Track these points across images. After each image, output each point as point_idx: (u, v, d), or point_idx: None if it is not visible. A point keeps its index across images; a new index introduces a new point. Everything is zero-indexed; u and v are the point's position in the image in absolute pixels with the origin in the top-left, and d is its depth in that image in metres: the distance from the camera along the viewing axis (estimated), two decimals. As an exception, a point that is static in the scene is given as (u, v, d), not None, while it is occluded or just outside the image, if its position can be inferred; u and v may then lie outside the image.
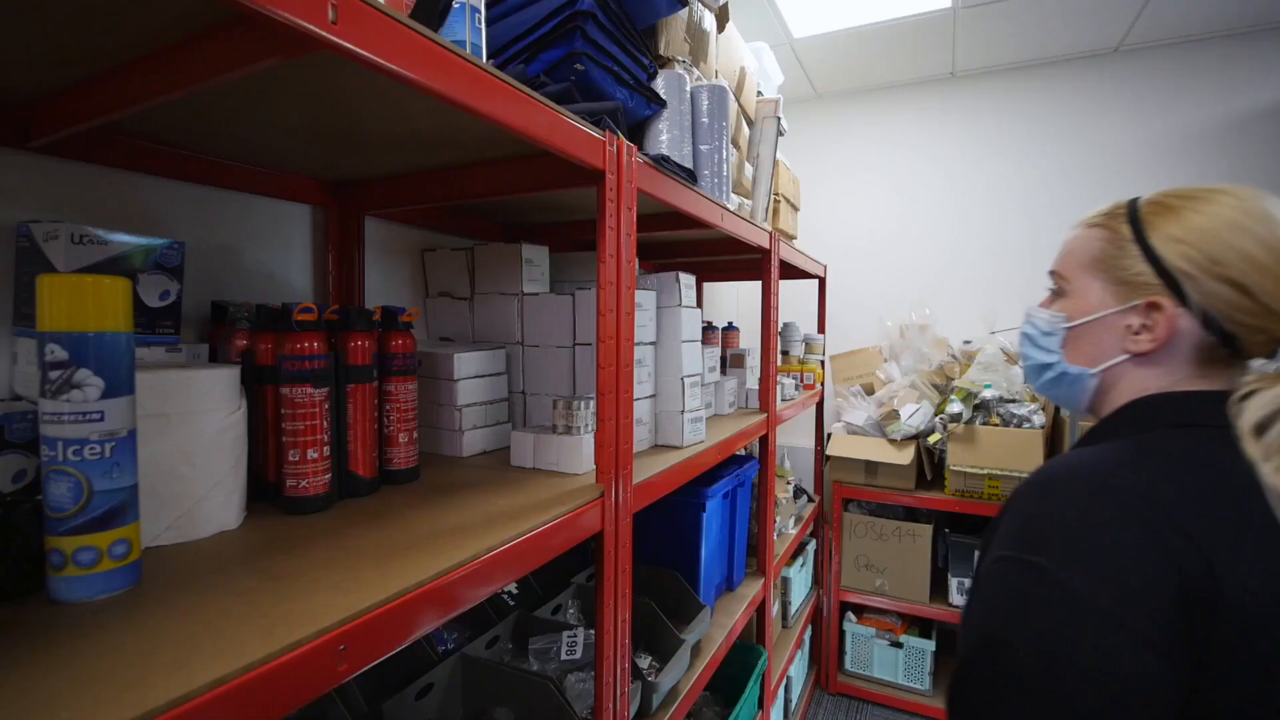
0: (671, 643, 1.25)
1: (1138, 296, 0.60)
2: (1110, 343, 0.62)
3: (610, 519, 0.91)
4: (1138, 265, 0.60)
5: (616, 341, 0.91)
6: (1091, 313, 0.63)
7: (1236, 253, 0.56)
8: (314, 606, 0.53)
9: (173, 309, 0.85)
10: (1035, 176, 2.76)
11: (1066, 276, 0.66)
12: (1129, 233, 0.61)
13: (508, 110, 0.68)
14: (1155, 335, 0.60)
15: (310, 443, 0.80)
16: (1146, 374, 0.62)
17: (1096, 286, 0.63)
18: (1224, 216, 0.57)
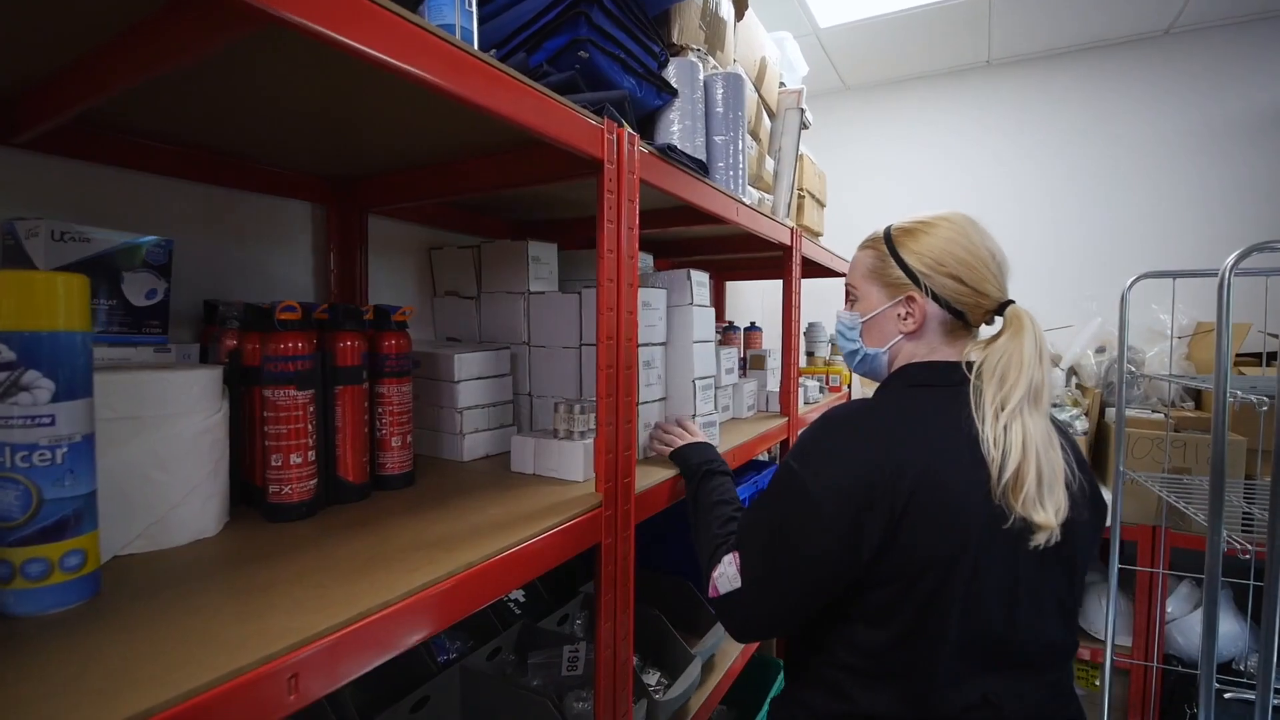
0: (682, 658, 1.19)
1: (900, 294, 0.86)
2: (889, 328, 0.88)
3: (609, 530, 0.86)
4: (896, 272, 0.86)
5: (617, 341, 0.85)
6: (874, 309, 0.89)
7: (951, 257, 0.83)
8: (268, 627, 0.49)
9: (160, 308, 0.83)
10: (1080, 167, 2.62)
11: (855, 286, 0.92)
12: (887, 251, 0.87)
13: (491, 94, 0.64)
14: (915, 318, 0.85)
15: (294, 447, 0.76)
16: (915, 345, 0.87)
17: (874, 290, 0.89)
18: (943, 235, 0.84)
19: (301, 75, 0.66)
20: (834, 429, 0.78)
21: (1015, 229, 2.71)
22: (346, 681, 0.50)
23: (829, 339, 2.52)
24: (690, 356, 1.19)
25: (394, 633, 0.54)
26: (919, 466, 0.71)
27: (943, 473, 0.71)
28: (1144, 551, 2.00)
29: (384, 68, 0.53)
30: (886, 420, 0.78)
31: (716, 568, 0.82)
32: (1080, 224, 2.62)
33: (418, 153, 0.97)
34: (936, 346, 0.85)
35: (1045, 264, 2.64)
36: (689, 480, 1.01)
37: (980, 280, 0.83)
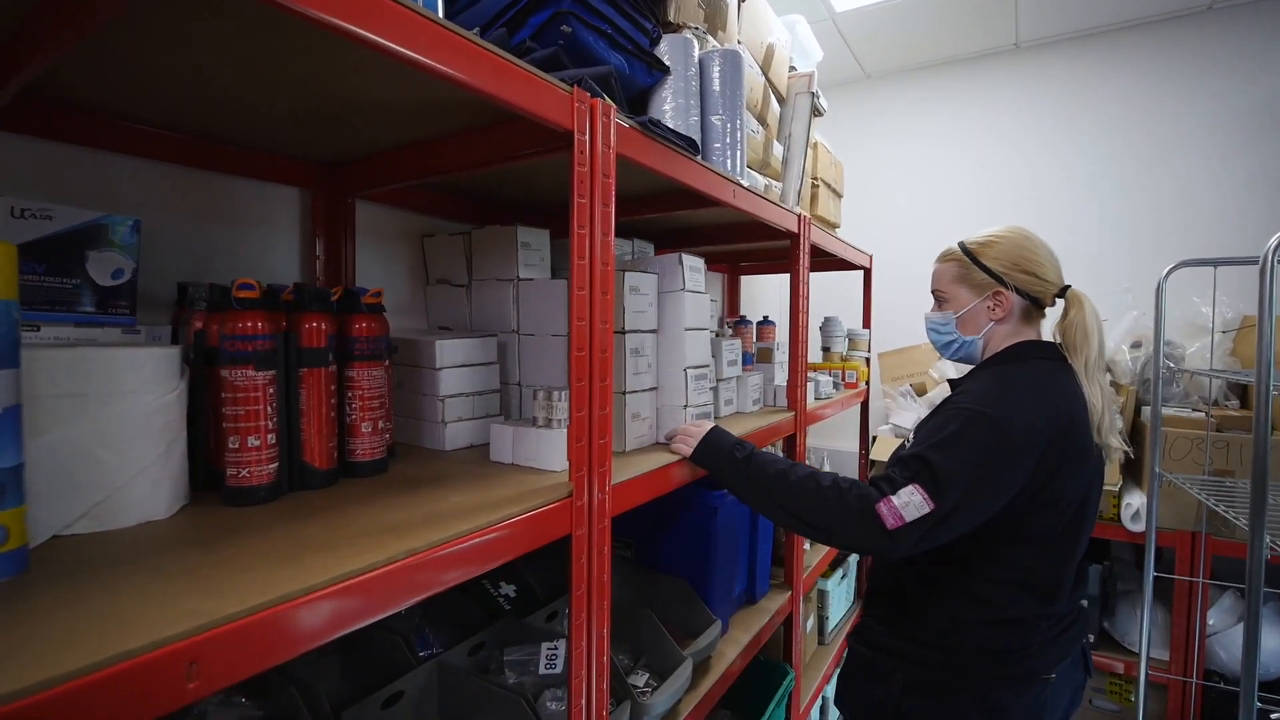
0: (672, 658, 1.14)
1: (987, 290, 1.08)
2: (981, 319, 1.09)
3: (581, 521, 0.81)
4: (980, 275, 1.08)
5: (590, 324, 0.81)
6: (966, 306, 1.10)
7: (1020, 257, 1.06)
8: (174, 612, 0.46)
9: (127, 288, 0.82)
10: (1112, 155, 2.48)
11: (945, 291, 1.14)
12: (970, 261, 1.09)
13: (439, 54, 0.60)
14: (1003, 307, 1.07)
15: (251, 429, 0.74)
16: (1002, 329, 1.09)
17: (963, 292, 1.11)
18: (1011, 242, 1.08)
19: (258, 46, 0.64)
20: (1014, 386, 0.97)
21: (1044, 218, 2.58)
22: (258, 671, 0.47)
23: (845, 334, 2.43)
24: (682, 344, 1.14)
25: (311, 621, 0.51)
26: (1069, 416, 0.94)
27: (1078, 420, 0.95)
28: (1183, 559, 1.87)
29: (319, 25, 0.50)
30: (1041, 382, 0.98)
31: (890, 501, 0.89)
32: (1115, 211, 2.48)
33: (393, 132, 0.94)
34: (1020, 328, 1.08)
35: (1077, 254, 2.50)
36: (728, 465, 1.04)
37: (1044, 271, 1.06)
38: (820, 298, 3.07)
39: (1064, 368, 1.02)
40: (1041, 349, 1.05)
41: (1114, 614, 2.08)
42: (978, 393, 0.97)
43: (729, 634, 1.40)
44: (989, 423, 0.91)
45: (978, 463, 0.89)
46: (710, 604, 1.33)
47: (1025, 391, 0.96)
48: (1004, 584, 0.97)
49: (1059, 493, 0.93)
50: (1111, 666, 2.02)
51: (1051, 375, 1.00)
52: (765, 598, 1.59)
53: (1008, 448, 0.89)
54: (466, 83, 0.64)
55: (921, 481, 0.89)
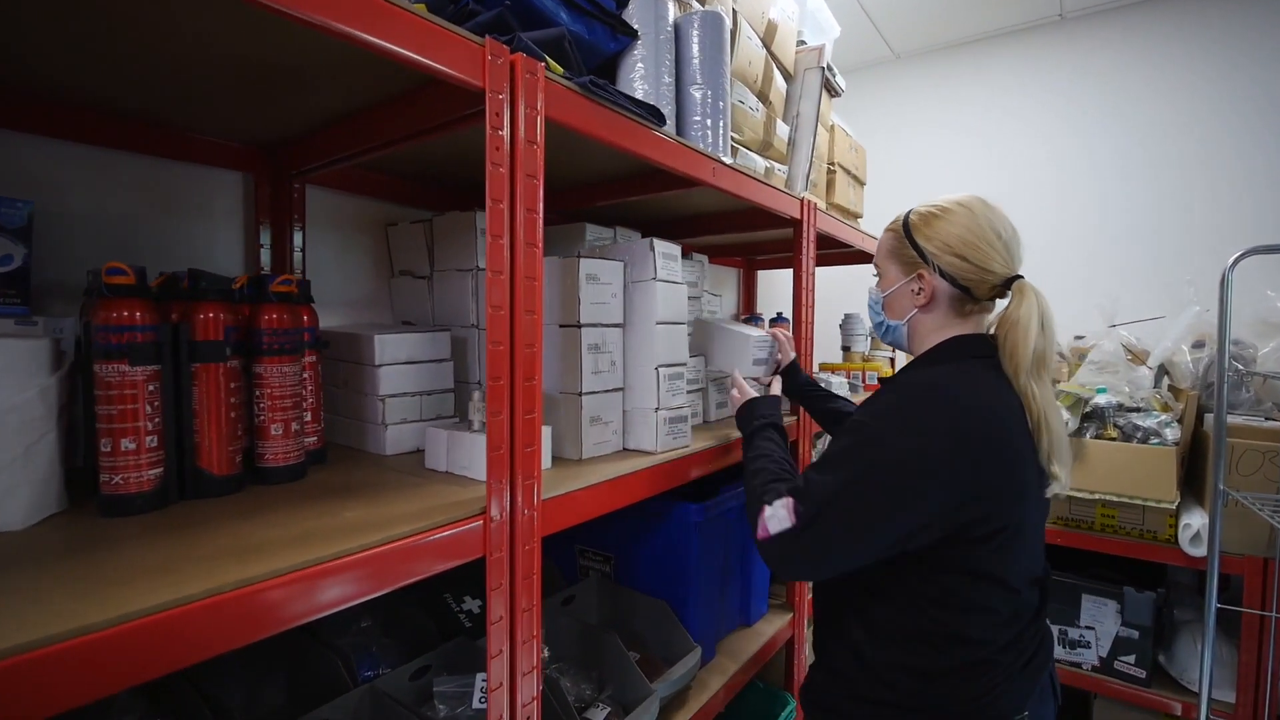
0: (639, 692, 1.03)
1: (913, 271, 0.92)
2: (905, 303, 0.94)
3: (500, 543, 0.71)
4: (910, 252, 0.93)
5: (511, 313, 0.71)
6: (892, 285, 0.95)
7: (958, 239, 0.89)
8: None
9: (17, 276, 0.75)
10: (1171, 132, 2.23)
11: (879, 264, 0.99)
12: (904, 234, 0.94)
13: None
14: (925, 293, 0.92)
15: (124, 431, 0.66)
16: (929, 318, 0.93)
17: (893, 268, 0.95)
18: (954, 219, 0.90)
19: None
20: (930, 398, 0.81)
21: (1092, 204, 2.35)
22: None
23: (868, 333, 2.26)
24: (652, 340, 1.02)
25: (91, 671, 0.41)
26: (1001, 438, 0.79)
27: (1016, 442, 0.81)
28: (1251, 589, 1.64)
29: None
30: (967, 391, 0.82)
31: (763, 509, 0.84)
32: (1176, 196, 2.22)
33: (314, 103, 0.85)
34: (949, 320, 0.92)
35: (1131, 244, 2.26)
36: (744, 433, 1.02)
37: (985, 259, 0.88)
38: (841, 293, 2.90)
39: (986, 366, 0.86)
40: (976, 347, 0.89)
41: (1171, 648, 1.85)
42: (884, 406, 0.83)
43: (715, 661, 1.28)
44: (881, 445, 0.78)
45: (858, 486, 0.77)
46: (692, 627, 1.20)
47: (943, 405, 0.79)
48: (957, 620, 0.80)
49: (994, 524, 0.78)
50: (1168, 707, 1.79)
51: (985, 383, 0.83)
52: (763, 619, 1.45)
53: (901, 472, 0.75)
54: (339, 30, 0.54)
55: (796, 495, 0.81)
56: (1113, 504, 1.80)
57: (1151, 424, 1.79)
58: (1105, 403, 1.86)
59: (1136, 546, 1.77)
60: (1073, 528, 1.87)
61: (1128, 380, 1.95)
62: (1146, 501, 1.73)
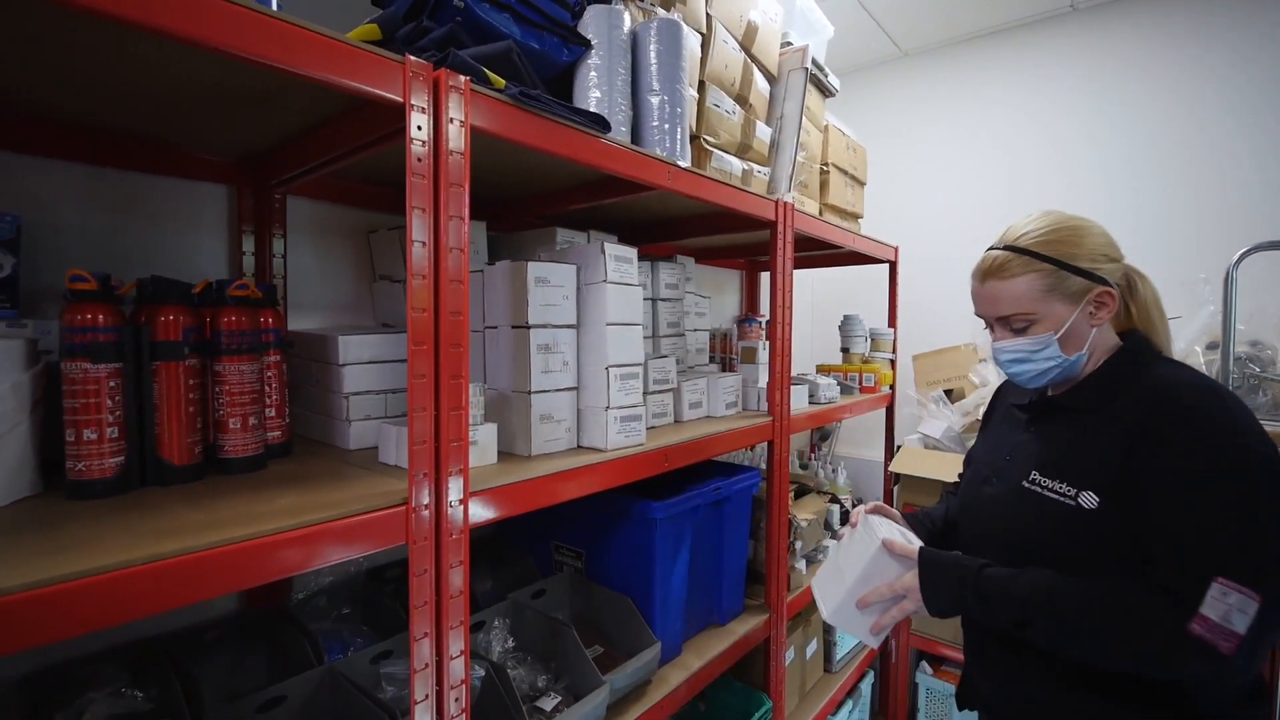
0: (590, 682, 1.06)
1: (1084, 297, 0.87)
2: (1084, 329, 0.89)
3: (424, 532, 0.75)
4: (1075, 281, 0.87)
5: (435, 315, 0.75)
6: (1067, 321, 0.88)
7: (1101, 245, 0.89)
8: None
9: (8, 283, 0.83)
10: (1179, 128, 2.13)
11: (1033, 311, 0.89)
12: (1059, 267, 0.87)
13: (194, 23, 0.56)
14: (1111, 308, 0.89)
15: (87, 422, 0.73)
16: (1103, 331, 0.91)
17: (1057, 306, 0.88)
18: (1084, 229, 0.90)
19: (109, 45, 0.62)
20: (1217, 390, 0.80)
21: (1106, 198, 2.26)
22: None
23: (867, 334, 2.23)
24: (604, 341, 1.05)
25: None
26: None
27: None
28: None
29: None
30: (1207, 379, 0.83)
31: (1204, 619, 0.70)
32: (1190, 189, 2.12)
33: (285, 123, 0.92)
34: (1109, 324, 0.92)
35: (1145, 239, 2.17)
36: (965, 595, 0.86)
37: (1119, 253, 0.91)
38: (842, 294, 2.87)
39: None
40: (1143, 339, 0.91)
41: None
42: (1188, 424, 0.76)
43: (680, 658, 1.29)
44: (1247, 463, 0.73)
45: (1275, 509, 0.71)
46: (655, 623, 1.22)
47: (1230, 399, 0.78)
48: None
49: None
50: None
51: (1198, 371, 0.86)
52: (736, 619, 1.46)
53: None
54: (256, 60, 0.59)
55: (1226, 574, 0.69)
56: (1117, 511, 1.73)
57: (1159, 428, 1.72)
58: (1110, 406, 1.79)
59: (1142, 556, 1.70)
60: (1076, 535, 1.80)
61: (1138, 383, 1.88)
62: (1151, 509, 1.66)
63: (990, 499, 0.97)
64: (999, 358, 0.93)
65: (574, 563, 1.38)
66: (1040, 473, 0.89)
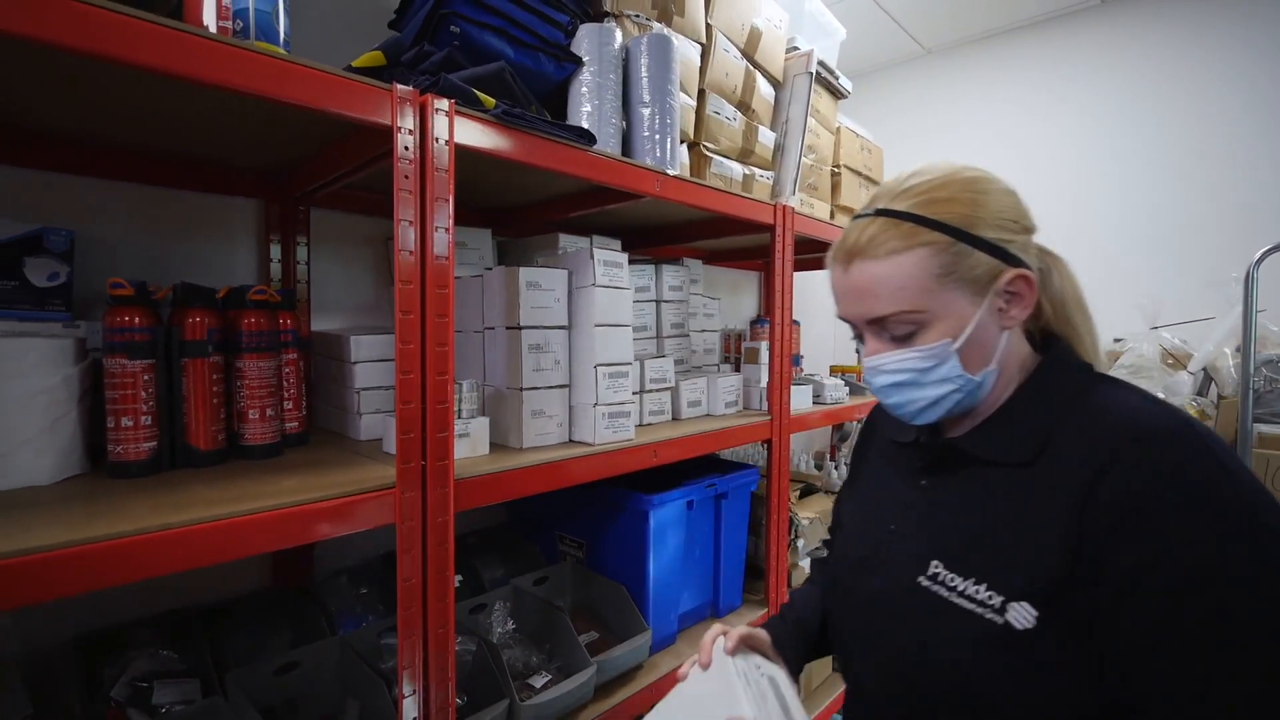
0: (579, 662, 1.12)
1: (993, 283, 0.61)
2: (992, 333, 0.63)
3: (412, 514, 0.82)
4: (979, 260, 0.60)
5: (422, 318, 0.82)
6: (970, 321, 0.61)
7: (1015, 206, 0.64)
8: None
9: (62, 290, 0.95)
10: (1225, 116, 2.05)
11: (919, 309, 0.61)
12: (948, 240, 0.60)
13: (204, 66, 0.64)
14: (1026, 301, 0.63)
15: (125, 411, 0.84)
16: (1016, 338, 0.65)
17: (958, 298, 0.61)
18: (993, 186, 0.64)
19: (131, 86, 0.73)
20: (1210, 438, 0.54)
21: (1138, 195, 2.19)
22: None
23: (883, 334, 2.22)
24: (592, 341, 1.11)
25: (58, 571, 0.57)
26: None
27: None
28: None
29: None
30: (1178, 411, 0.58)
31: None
32: (1224, 187, 2.04)
33: (302, 142, 1.01)
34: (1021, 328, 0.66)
35: (1175, 238, 2.09)
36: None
37: (1030, 219, 0.65)
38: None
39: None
40: (1069, 348, 0.66)
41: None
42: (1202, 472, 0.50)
43: (674, 646, 1.34)
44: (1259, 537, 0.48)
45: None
46: (649, 612, 1.28)
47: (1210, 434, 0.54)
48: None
49: None
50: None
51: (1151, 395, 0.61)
52: (734, 613, 1.50)
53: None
54: (236, 87, 0.68)
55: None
56: (1136, 517, 1.68)
57: (1182, 433, 1.67)
58: (1131, 409, 1.75)
59: (1161, 563, 1.65)
60: (1094, 541, 1.76)
61: (1163, 386, 1.83)
62: (1171, 515, 1.61)
63: (869, 601, 0.68)
64: (873, 381, 0.66)
65: (575, 553, 1.44)
66: (945, 564, 0.61)
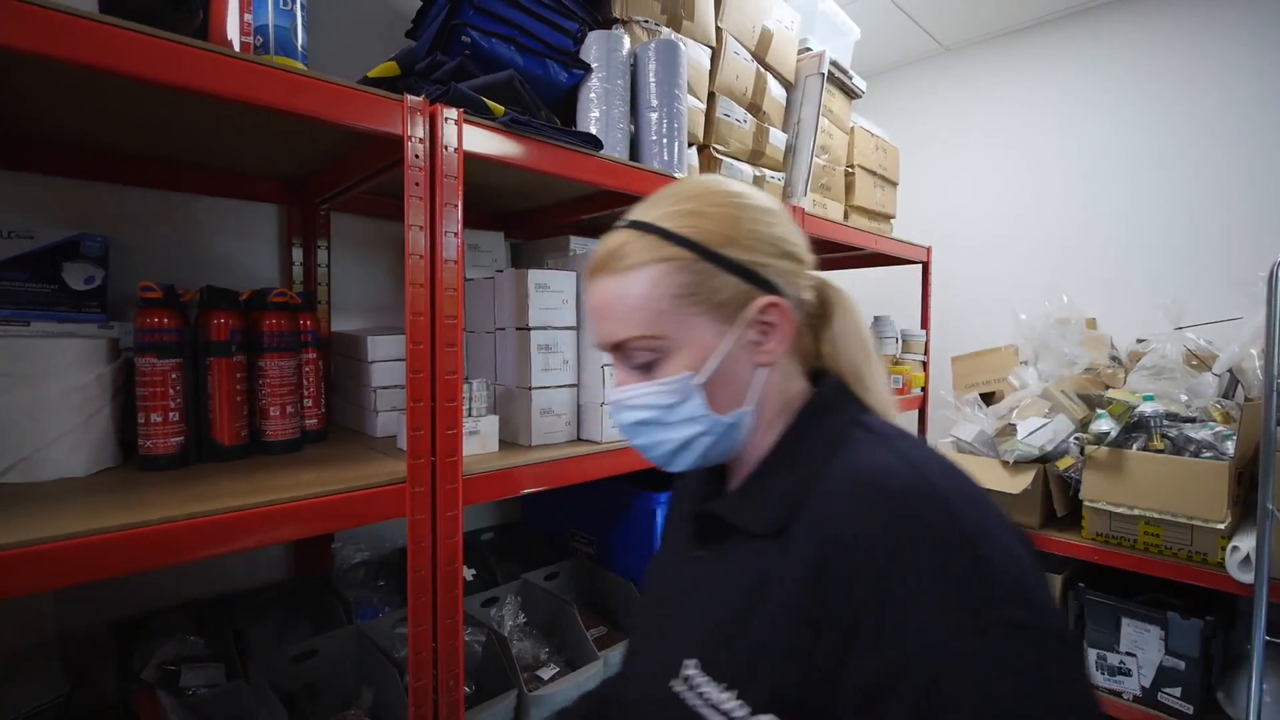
0: (587, 657, 1.14)
1: (743, 310, 0.55)
2: (744, 368, 0.56)
3: (421, 507, 0.85)
4: (725, 282, 0.54)
5: (432, 319, 0.85)
6: (717, 350, 0.55)
7: (775, 236, 0.56)
8: None
9: (98, 292, 1.01)
10: (1240, 121, 1.99)
11: (657, 333, 0.54)
12: (691, 256, 0.53)
13: (226, 82, 0.68)
14: (782, 334, 0.56)
15: (154, 408, 0.88)
16: (774, 376, 0.58)
17: (702, 323, 0.54)
18: (756, 205, 0.57)
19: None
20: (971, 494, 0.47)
21: (1159, 193, 2.14)
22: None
23: (898, 336, 2.21)
24: (600, 342, 1.14)
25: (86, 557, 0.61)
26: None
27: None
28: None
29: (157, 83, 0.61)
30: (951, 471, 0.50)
31: None
32: (1250, 184, 1.98)
33: (320, 151, 1.05)
34: (788, 365, 0.59)
35: (1200, 238, 2.04)
36: None
37: (802, 245, 0.59)
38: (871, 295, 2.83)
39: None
40: (842, 391, 0.59)
41: (1230, 683, 1.67)
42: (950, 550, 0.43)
43: (681, 642, 1.36)
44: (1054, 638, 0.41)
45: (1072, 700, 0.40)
46: (656, 608, 1.29)
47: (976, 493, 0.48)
48: None
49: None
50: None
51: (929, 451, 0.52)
52: (743, 610, 1.51)
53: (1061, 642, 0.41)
54: (252, 100, 0.71)
55: None
56: (1157, 521, 1.66)
57: (1206, 436, 1.63)
58: (1152, 411, 1.71)
59: (1183, 569, 1.62)
60: (1113, 545, 1.74)
61: (1186, 388, 1.79)
62: (1193, 520, 1.58)
63: (635, 703, 0.60)
64: (618, 419, 0.59)
65: (586, 549, 1.47)
66: (700, 664, 0.51)
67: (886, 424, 0.56)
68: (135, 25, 0.63)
